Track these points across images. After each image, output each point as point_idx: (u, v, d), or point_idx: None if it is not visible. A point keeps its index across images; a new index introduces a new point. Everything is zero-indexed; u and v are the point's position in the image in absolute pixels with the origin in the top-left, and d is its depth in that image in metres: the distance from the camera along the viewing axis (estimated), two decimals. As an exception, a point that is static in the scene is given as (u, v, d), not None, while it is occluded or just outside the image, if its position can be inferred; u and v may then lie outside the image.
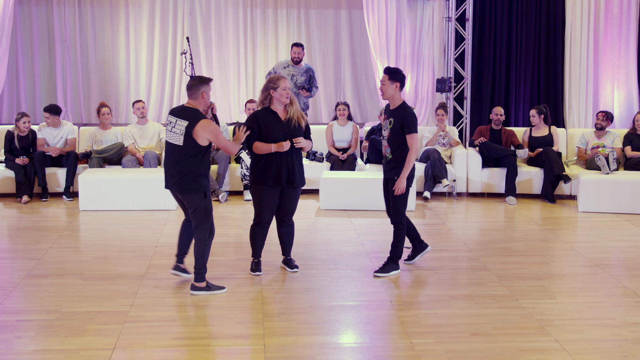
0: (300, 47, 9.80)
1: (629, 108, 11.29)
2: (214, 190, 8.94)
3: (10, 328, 4.74)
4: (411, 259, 6.26)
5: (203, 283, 5.47)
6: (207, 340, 4.60)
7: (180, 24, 11.99)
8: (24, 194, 8.83)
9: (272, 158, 5.70)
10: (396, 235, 5.94)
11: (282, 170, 5.71)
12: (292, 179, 5.77)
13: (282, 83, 5.73)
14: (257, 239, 5.92)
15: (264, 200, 5.78)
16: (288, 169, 5.74)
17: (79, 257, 6.51)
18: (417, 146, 5.77)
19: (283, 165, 5.72)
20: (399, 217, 5.90)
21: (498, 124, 9.59)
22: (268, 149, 5.66)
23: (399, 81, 5.78)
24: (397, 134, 5.78)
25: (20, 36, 11.75)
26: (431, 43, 11.51)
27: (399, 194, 5.80)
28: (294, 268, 6.06)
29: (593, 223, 7.99)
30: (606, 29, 11.26)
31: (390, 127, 5.83)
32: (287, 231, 6.02)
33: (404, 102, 5.86)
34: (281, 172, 5.71)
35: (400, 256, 5.98)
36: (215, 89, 12.01)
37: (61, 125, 9.36)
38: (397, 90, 5.80)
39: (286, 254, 6.11)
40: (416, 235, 6.22)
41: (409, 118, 5.73)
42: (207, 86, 5.45)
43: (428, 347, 4.47)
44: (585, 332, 4.74)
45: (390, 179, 5.88)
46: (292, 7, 12.13)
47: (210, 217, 5.46)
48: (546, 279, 5.91)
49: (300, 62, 9.81)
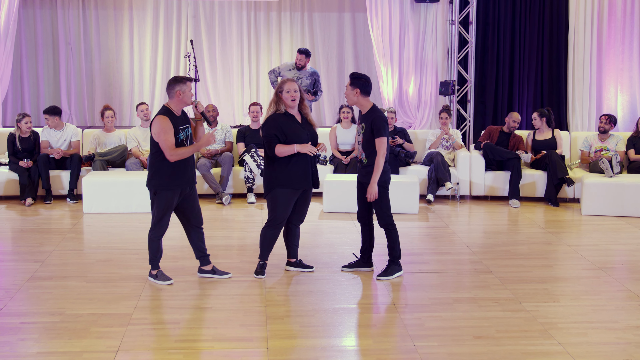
0: (303, 54, 9.78)
1: (633, 111, 11.29)
2: (218, 193, 8.95)
3: (14, 330, 4.75)
4: (348, 267, 6.16)
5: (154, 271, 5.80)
6: (211, 343, 4.60)
7: (184, 26, 12.01)
8: (28, 197, 8.84)
9: (299, 161, 5.70)
10: (389, 237, 5.92)
11: (307, 172, 5.75)
12: (316, 180, 5.83)
13: (286, 86, 5.73)
14: (267, 242, 5.90)
15: (287, 203, 5.76)
16: (312, 171, 5.79)
17: (82, 260, 6.52)
18: (385, 150, 5.68)
19: (308, 168, 5.75)
20: (387, 219, 5.86)
21: (512, 129, 9.54)
22: (291, 150, 5.64)
23: (359, 87, 5.72)
24: (369, 139, 5.74)
25: (24, 39, 11.78)
26: (435, 46, 11.52)
27: (371, 200, 5.76)
28: (311, 268, 6.10)
29: (596, 226, 7.98)
30: (609, 32, 11.26)
31: (363, 132, 5.79)
32: (296, 233, 6.06)
33: (373, 106, 5.81)
34: (307, 174, 5.75)
35: (399, 256, 5.96)
36: (219, 92, 12.03)
37: (64, 127, 9.37)
38: (359, 96, 5.74)
39: (295, 256, 6.13)
40: (370, 250, 6.15)
41: (378, 121, 5.68)
42: (182, 84, 5.53)
43: (431, 350, 4.47)
44: (589, 335, 4.74)
45: (366, 183, 5.83)
46: (295, 10, 12.14)
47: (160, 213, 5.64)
48: (549, 282, 5.90)
49: (303, 68, 9.83)
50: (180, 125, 5.58)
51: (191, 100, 5.60)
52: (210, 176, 8.97)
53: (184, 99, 5.55)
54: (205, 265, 5.95)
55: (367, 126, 5.75)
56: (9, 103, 11.73)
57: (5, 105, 11.56)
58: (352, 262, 6.20)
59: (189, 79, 5.62)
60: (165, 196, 5.57)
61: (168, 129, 5.44)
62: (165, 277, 5.78)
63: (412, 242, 7.28)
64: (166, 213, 5.64)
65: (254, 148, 8.99)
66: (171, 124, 5.48)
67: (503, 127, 9.63)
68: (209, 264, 5.95)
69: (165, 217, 5.65)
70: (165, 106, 5.59)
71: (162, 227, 5.67)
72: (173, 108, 5.57)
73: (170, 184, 5.55)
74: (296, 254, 6.14)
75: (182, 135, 5.58)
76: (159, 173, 5.55)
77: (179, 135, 5.54)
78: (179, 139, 5.53)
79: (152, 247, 5.74)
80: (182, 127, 5.59)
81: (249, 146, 9.14)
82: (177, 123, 5.55)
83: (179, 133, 5.55)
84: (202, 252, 5.92)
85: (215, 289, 5.63)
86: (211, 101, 11.80)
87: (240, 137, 9.53)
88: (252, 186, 9.10)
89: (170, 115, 5.53)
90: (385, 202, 5.84)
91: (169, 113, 5.54)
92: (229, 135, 9.58)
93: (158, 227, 5.66)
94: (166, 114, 5.51)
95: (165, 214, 5.63)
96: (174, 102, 5.56)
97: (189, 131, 5.68)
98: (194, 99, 5.67)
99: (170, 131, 5.45)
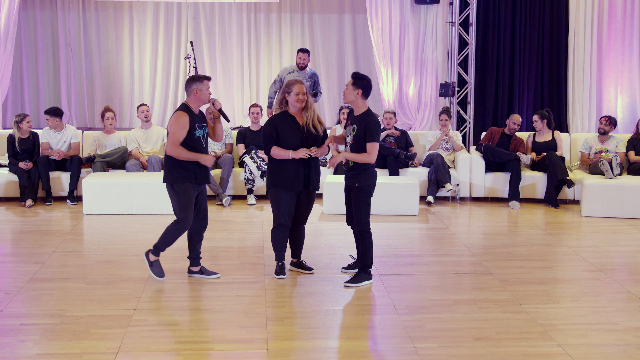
0: (306, 52, 9.80)
1: (633, 113, 11.29)
2: (218, 195, 8.95)
3: (14, 332, 4.75)
4: (348, 268, 6.14)
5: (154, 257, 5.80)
6: (211, 345, 4.60)
7: (184, 28, 12.01)
8: (28, 198, 8.84)
9: (290, 162, 5.72)
10: (362, 244, 5.82)
11: (299, 174, 5.74)
12: (308, 183, 5.80)
13: (295, 88, 5.73)
14: (278, 242, 5.91)
15: (282, 204, 5.78)
16: (305, 174, 5.76)
17: (82, 261, 6.53)
18: (375, 155, 5.64)
19: (300, 170, 5.74)
20: (364, 225, 5.77)
21: (512, 131, 9.54)
22: (286, 155, 5.68)
23: (361, 88, 5.68)
24: (360, 142, 5.67)
25: (24, 41, 11.79)
26: (435, 48, 11.52)
27: (330, 168, 5.75)
28: (311, 270, 6.09)
29: (596, 228, 7.99)
30: (610, 34, 11.27)
31: (354, 134, 5.73)
32: (300, 235, 6.06)
33: (368, 109, 5.77)
34: (298, 176, 5.74)
35: (370, 265, 5.85)
36: (219, 94, 12.03)
37: (65, 129, 9.38)
38: (359, 97, 5.69)
39: (298, 257, 6.13)
40: None
41: (372, 126, 5.62)
42: (199, 83, 5.62)
43: (431, 352, 4.47)
44: (589, 337, 4.74)
45: (352, 186, 5.76)
46: (295, 11, 12.14)
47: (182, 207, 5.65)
48: (550, 284, 5.90)
49: (305, 67, 9.82)
50: (198, 123, 5.68)
51: (208, 98, 5.69)
52: (211, 177, 8.97)
53: (200, 97, 5.65)
54: (194, 267, 5.98)
55: (359, 129, 5.68)
56: (9, 104, 11.73)
57: (5, 106, 11.56)
58: (351, 264, 6.19)
59: (206, 77, 5.71)
60: (183, 188, 5.62)
61: (182, 127, 5.55)
62: (160, 271, 5.80)
63: (412, 244, 7.28)
64: (189, 205, 5.65)
65: (254, 150, 8.99)
66: (188, 121, 5.58)
67: (504, 129, 9.63)
68: (198, 265, 5.98)
69: (190, 209, 5.65)
70: (184, 103, 5.70)
71: (188, 220, 5.66)
72: (192, 106, 5.67)
73: (187, 177, 5.62)
74: (298, 254, 6.14)
75: (199, 132, 5.68)
76: (174, 166, 5.63)
77: (194, 132, 5.63)
78: (195, 136, 5.63)
79: (167, 237, 5.70)
80: (199, 124, 5.69)
81: (249, 148, 9.14)
82: (195, 121, 5.66)
83: (195, 130, 5.63)
84: (196, 254, 5.95)
85: (215, 291, 5.63)
86: (211, 103, 11.80)
87: (240, 138, 9.53)
88: (252, 188, 9.10)
89: (189, 112, 5.64)
90: (366, 207, 5.74)
91: (188, 110, 5.64)
92: (229, 137, 9.58)
93: (185, 221, 5.65)
94: (186, 111, 5.62)
95: (189, 207, 5.64)
96: (191, 100, 5.67)
97: (206, 129, 5.78)
98: (212, 97, 5.76)
99: (183, 129, 5.55)
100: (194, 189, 5.68)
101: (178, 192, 5.63)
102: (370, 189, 5.76)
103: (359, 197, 5.71)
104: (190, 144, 5.61)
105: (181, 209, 5.64)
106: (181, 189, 5.63)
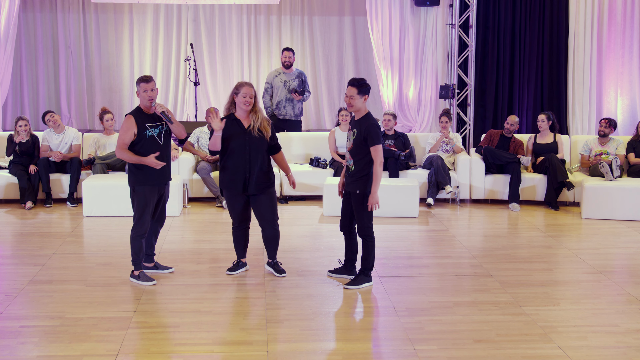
0: (290, 51, 9.83)
1: (633, 115, 11.30)
2: (218, 197, 8.95)
3: (14, 334, 4.75)
4: (334, 273, 6.10)
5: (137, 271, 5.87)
6: (211, 347, 4.60)
7: (184, 30, 12.03)
8: (28, 200, 8.84)
9: (229, 165, 5.78)
10: (365, 248, 5.81)
11: (237, 177, 5.76)
12: (247, 186, 5.78)
13: (243, 90, 5.75)
14: (234, 241, 6.11)
15: (229, 204, 5.96)
16: (245, 176, 5.76)
17: (82, 263, 6.52)
18: (381, 158, 5.62)
19: (239, 172, 5.76)
20: (367, 230, 5.75)
21: (510, 132, 9.54)
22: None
23: (367, 94, 5.71)
24: (360, 146, 5.65)
25: (24, 42, 11.80)
26: (435, 50, 11.53)
27: (371, 210, 5.65)
28: (282, 273, 6.05)
29: (596, 230, 7.98)
30: (610, 36, 11.28)
31: (354, 138, 5.71)
32: (266, 236, 6.03)
33: (368, 113, 5.75)
34: (236, 179, 5.77)
35: (371, 268, 5.84)
36: (219, 95, 12.04)
37: (65, 130, 9.38)
38: (364, 102, 5.73)
39: (271, 258, 6.11)
40: (354, 259, 6.06)
41: (372, 129, 5.60)
42: (137, 85, 5.75)
43: (431, 354, 4.47)
44: (589, 339, 4.74)
45: (352, 192, 5.73)
46: (295, 13, 12.16)
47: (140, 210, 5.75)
48: (549, 286, 5.90)
49: (290, 66, 9.82)
50: (149, 123, 5.73)
51: (148, 99, 5.70)
52: (210, 180, 8.97)
53: (140, 99, 5.75)
54: (148, 263, 6.09)
55: (359, 133, 5.66)
56: (9, 106, 11.74)
57: (5, 108, 11.57)
58: (336, 269, 6.15)
59: (143, 79, 5.73)
60: (143, 192, 5.72)
61: (125, 130, 5.67)
62: (148, 278, 5.85)
63: (412, 246, 7.28)
64: (145, 210, 5.75)
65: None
66: (134, 124, 5.66)
67: (503, 131, 9.63)
68: (152, 262, 6.11)
69: (145, 214, 5.76)
70: (138, 106, 5.81)
71: (143, 224, 5.76)
72: (142, 106, 5.77)
73: (146, 180, 5.71)
74: (271, 255, 6.09)
75: (152, 132, 5.72)
76: (132, 170, 5.75)
77: (146, 132, 5.69)
78: (147, 136, 5.69)
79: (135, 247, 5.82)
80: (151, 124, 5.73)
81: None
82: (145, 121, 5.71)
83: (146, 130, 5.69)
84: (152, 250, 6.08)
85: (215, 293, 5.63)
86: (211, 104, 11.81)
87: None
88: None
89: (138, 114, 5.72)
90: (368, 212, 5.71)
91: (136, 112, 5.75)
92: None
93: (139, 225, 5.77)
94: (132, 113, 5.74)
95: (144, 211, 5.75)
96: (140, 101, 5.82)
97: (162, 129, 5.79)
98: (153, 103, 5.73)
99: (128, 131, 5.66)
100: (152, 191, 5.76)
101: (137, 194, 5.74)
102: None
103: (361, 202, 5.70)
104: (144, 144, 5.69)
105: (138, 211, 5.75)
106: (140, 191, 5.73)
